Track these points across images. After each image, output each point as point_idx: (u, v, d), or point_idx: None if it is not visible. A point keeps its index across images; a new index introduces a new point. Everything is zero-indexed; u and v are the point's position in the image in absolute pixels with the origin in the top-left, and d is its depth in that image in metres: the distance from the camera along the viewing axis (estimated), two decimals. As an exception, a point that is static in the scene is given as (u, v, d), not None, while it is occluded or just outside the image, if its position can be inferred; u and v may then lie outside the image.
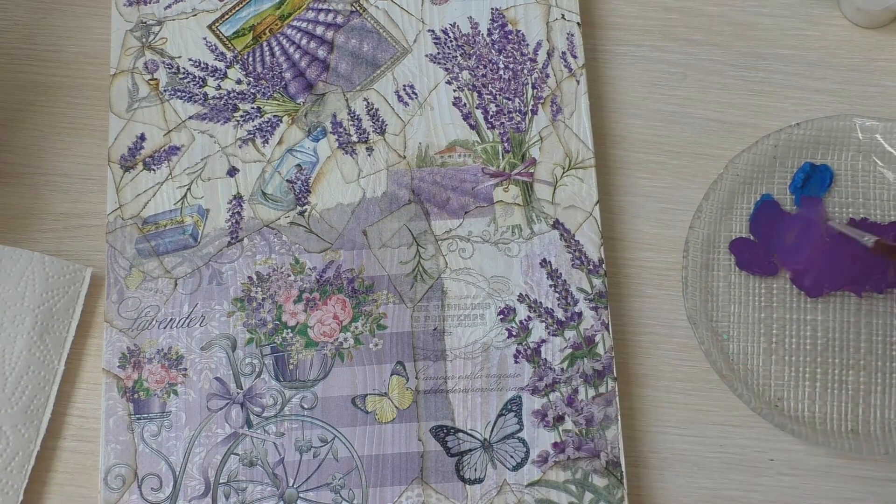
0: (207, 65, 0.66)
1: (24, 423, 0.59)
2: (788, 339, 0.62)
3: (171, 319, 0.61)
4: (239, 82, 0.65)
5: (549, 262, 0.62)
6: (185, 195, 0.63)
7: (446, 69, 0.66)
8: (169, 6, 0.67)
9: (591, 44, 0.69)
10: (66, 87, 0.68)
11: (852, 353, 0.62)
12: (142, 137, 0.64)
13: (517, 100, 0.65)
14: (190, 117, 0.65)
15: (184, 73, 0.66)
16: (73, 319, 0.62)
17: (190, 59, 0.66)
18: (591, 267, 0.62)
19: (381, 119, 0.65)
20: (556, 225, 0.63)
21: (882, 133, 0.64)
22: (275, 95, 0.65)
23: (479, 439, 0.60)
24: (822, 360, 0.62)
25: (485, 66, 0.66)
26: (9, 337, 0.60)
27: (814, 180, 0.64)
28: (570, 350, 0.61)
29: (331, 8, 0.67)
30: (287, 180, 0.64)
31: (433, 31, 0.67)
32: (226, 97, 0.65)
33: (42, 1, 0.69)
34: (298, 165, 0.64)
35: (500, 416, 0.60)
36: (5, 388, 0.59)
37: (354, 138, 0.65)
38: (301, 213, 0.63)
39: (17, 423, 0.59)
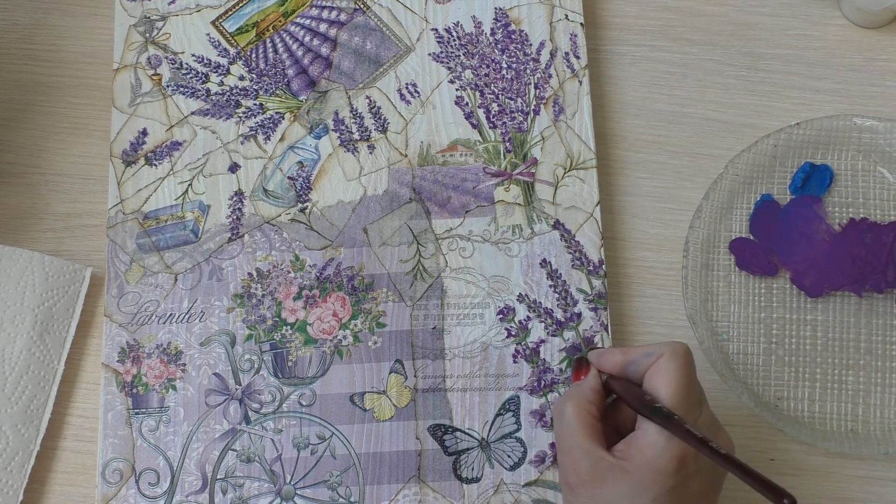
0: (210, 61, 0.66)
1: (24, 422, 0.59)
2: (788, 339, 0.62)
3: (170, 315, 0.61)
4: (241, 78, 0.66)
5: (549, 262, 0.62)
6: (187, 191, 0.63)
7: (449, 68, 0.66)
8: (173, 2, 0.67)
9: (591, 44, 0.69)
10: (67, 87, 0.68)
11: (852, 353, 0.62)
12: (144, 132, 0.64)
13: (519, 99, 0.66)
14: (192, 113, 0.65)
15: (187, 68, 0.66)
16: (73, 319, 0.62)
17: (193, 55, 0.66)
18: (591, 268, 0.62)
19: (383, 117, 0.65)
20: (557, 225, 0.63)
21: (882, 133, 0.64)
22: (277, 92, 0.65)
23: (476, 438, 0.59)
24: (822, 360, 0.62)
25: (487, 66, 0.66)
26: (9, 337, 0.60)
27: (814, 180, 0.64)
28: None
29: (334, 5, 0.67)
30: (288, 177, 0.64)
31: (436, 29, 0.67)
32: (228, 93, 0.65)
33: (42, 1, 0.70)
34: (300, 162, 0.64)
35: (498, 415, 0.60)
36: (5, 387, 0.59)
37: (356, 136, 0.65)
38: (302, 210, 0.63)
39: (17, 422, 0.59)
